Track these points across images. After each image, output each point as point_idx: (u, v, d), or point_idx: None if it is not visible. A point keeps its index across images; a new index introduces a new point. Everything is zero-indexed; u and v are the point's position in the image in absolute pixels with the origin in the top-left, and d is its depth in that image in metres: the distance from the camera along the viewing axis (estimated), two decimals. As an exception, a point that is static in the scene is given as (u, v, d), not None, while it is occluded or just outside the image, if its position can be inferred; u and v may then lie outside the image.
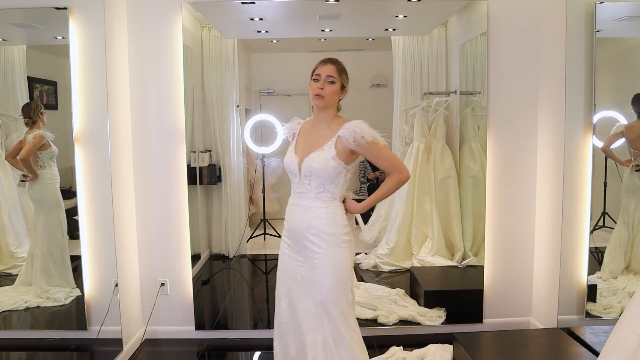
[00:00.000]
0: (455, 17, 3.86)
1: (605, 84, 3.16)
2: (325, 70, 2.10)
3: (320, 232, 2.09)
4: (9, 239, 3.15)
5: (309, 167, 2.08)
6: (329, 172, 2.06)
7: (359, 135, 2.02)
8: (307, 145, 2.16)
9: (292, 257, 2.19)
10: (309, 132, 2.20)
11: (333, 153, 2.06)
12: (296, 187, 2.16)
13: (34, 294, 3.08)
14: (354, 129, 2.04)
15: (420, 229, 4.06)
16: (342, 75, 2.13)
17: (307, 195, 2.11)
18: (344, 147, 2.06)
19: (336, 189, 2.12)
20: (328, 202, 2.11)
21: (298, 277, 2.15)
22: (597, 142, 3.14)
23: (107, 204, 2.92)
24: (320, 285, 2.09)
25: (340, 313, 2.09)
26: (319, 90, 2.08)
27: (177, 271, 3.27)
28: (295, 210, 2.16)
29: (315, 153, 2.09)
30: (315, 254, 2.10)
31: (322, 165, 2.06)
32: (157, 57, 3.16)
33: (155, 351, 3.16)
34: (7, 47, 3.04)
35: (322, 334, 2.08)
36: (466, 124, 3.83)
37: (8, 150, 3.06)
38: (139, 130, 3.20)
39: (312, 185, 2.10)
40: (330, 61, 2.13)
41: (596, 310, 3.10)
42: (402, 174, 2.13)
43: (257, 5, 3.27)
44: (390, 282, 3.82)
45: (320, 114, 2.16)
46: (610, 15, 3.04)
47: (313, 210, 2.10)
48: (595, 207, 3.18)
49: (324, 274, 2.08)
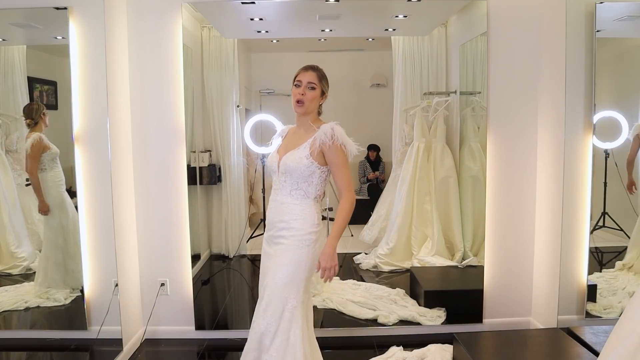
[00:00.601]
0: (455, 17, 3.86)
1: (605, 84, 3.16)
2: (307, 76, 2.21)
3: (289, 227, 2.18)
4: (9, 239, 3.15)
5: (285, 165, 2.20)
6: (301, 170, 2.16)
7: (329, 135, 2.13)
8: (288, 146, 2.28)
9: (265, 252, 2.30)
10: (292, 135, 2.33)
11: (307, 152, 2.17)
12: (275, 184, 2.27)
13: (33, 294, 3.08)
14: (327, 129, 2.15)
15: (420, 229, 4.06)
16: (323, 81, 2.24)
17: (282, 192, 2.22)
18: (317, 147, 2.15)
19: (309, 188, 2.20)
20: (300, 199, 2.20)
21: (263, 268, 2.29)
22: (597, 142, 3.14)
23: (107, 204, 2.92)
24: (273, 276, 2.17)
25: (286, 309, 2.13)
26: (300, 96, 2.20)
27: (177, 271, 3.27)
28: (271, 205, 2.27)
29: (291, 152, 2.21)
30: (279, 246, 2.20)
31: (295, 163, 2.16)
32: (157, 57, 3.16)
33: (155, 351, 3.16)
34: (7, 47, 3.04)
35: (263, 324, 2.14)
36: (466, 124, 3.83)
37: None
38: (139, 130, 3.20)
39: (288, 182, 2.21)
40: (312, 68, 2.24)
41: (596, 310, 3.10)
42: (351, 194, 2.18)
43: (257, 5, 3.27)
44: (390, 282, 3.82)
45: (302, 119, 2.28)
46: (610, 15, 3.04)
47: (286, 206, 2.20)
48: (595, 207, 3.18)
49: (280, 264, 2.17)
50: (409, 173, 4.06)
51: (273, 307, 2.14)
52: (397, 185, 4.16)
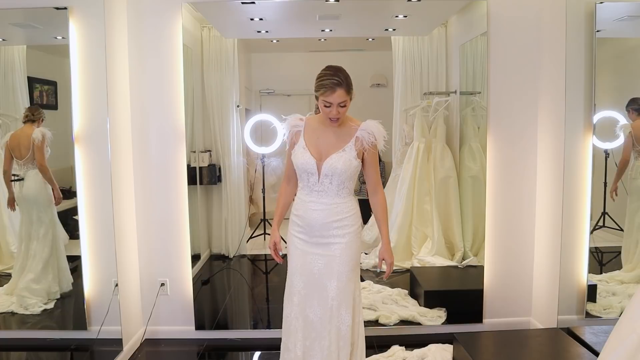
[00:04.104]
0: (455, 17, 3.86)
1: (605, 84, 3.16)
2: (336, 98, 2.10)
3: (344, 225, 2.22)
4: (9, 239, 3.15)
5: (332, 168, 2.18)
6: (351, 171, 2.20)
7: (373, 136, 2.18)
8: (323, 145, 2.23)
9: (307, 251, 2.26)
10: (320, 132, 2.25)
11: (354, 153, 2.20)
12: (314, 186, 2.23)
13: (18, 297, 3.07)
14: (371, 129, 2.18)
15: (420, 229, 4.06)
16: (351, 92, 2.15)
17: (328, 193, 2.21)
18: (362, 147, 2.20)
19: (352, 184, 2.26)
20: (347, 196, 2.24)
21: (315, 271, 2.23)
22: (597, 142, 3.14)
23: (107, 204, 2.92)
24: (339, 274, 2.21)
25: (353, 299, 2.22)
26: (335, 115, 2.14)
27: (177, 271, 3.27)
28: (314, 207, 2.23)
29: (337, 154, 2.19)
30: (335, 245, 2.22)
31: (346, 166, 2.18)
32: (157, 57, 3.16)
33: (155, 351, 3.16)
34: (7, 47, 3.04)
35: (338, 322, 2.19)
36: (466, 124, 3.83)
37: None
38: (139, 130, 3.20)
39: (334, 183, 2.20)
40: (338, 85, 2.09)
41: (596, 310, 3.10)
42: (382, 190, 2.32)
43: (257, 5, 3.27)
44: (390, 282, 3.82)
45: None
46: (610, 15, 3.04)
47: (336, 206, 2.21)
48: (595, 207, 3.18)
49: (343, 262, 2.22)
50: (409, 173, 4.06)
51: (347, 303, 2.20)
52: (397, 185, 4.15)
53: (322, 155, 2.21)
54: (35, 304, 3.06)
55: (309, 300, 2.23)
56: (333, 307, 2.19)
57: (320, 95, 2.12)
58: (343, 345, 2.18)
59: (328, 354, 2.17)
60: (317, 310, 2.21)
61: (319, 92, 2.12)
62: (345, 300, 2.20)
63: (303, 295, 2.25)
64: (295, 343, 2.24)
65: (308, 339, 2.22)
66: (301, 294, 2.25)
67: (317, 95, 2.14)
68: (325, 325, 2.19)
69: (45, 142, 3.00)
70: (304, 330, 2.23)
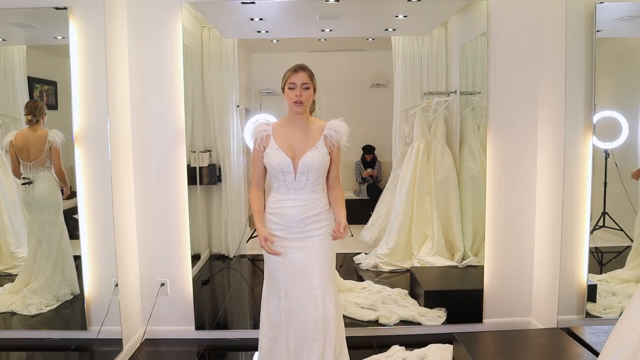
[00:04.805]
0: (455, 17, 3.86)
1: (605, 84, 3.16)
2: (300, 78, 2.28)
3: (321, 218, 2.35)
4: (9, 239, 3.15)
5: (308, 165, 2.30)
6: (325, 167, 2.35)
7: (339, 133, 2.33)
8: (295, 144, 2.34)
9: (286, 246, 2.35)
10: (290, 132, 2.37)
11: (325, 150, 2.34)
12: (290, 184, 2.34)
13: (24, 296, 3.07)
14: (337, 127, 2.34)
15: (420, 229, 4.06)
16: (313, 79, 2.34)
17: (305, 190, 2.33)
18: (330, 144, 2.34)
19: (324, 180, 2.40)
20: (321, 192, 2.39)
21: (296, 264, 2.32)
22: (597, 142, 3.14)
23: (107, 204, 2.92)
24: (321, 264, 2.31)
25: (333, 286, 2.35)
26: (297, 97, 2.28)
27: (177, 271, 3.27)
28: (293, 204, 2.33)
29: (311, 152, 2.32)
30: (314, 238, 2.33)
31: (321, 162, 2.32)
32: (157, 57, 3.16)
33: (155, 351, 3.16)
34: (7, 47, 3.04)
35: (326, 309, 2.26)
36: (466, 124, 3.83)
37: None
38: (139, 130, 3.20)
39: (310, 179, 2.33)
40: (301, 68, 2.31)
41: (596, 310, 3.10)
42: (340, 184, 2.45)
43: (257, 5, 3.27)
44: (390, 282, 3.82)
45: (299, 117, 2.35)
46: (610, 15, 3.04)
47: (313, 201, 2.34)
48: (595, 207, 3.18)
49: (323, 252, 2.33)
50: (409, 173, 4.06)
51: (330, 291, 2.29)
52: (397, 185, 4.16)
53: (296, 154, 2.33)
54: (40, 304, 3.06)
55: (293, 294, 2.31)
56: (317, 297, 2.27)
57: (285, 80, 2.30)
58: (329, 333, 2.25)
59: (312, 341, 2.24)
60: (302, 301, 2.28)
61: (284, 77, 2.31)
62: (328, 289, 2.29)
63: (288, 289, 2.33)
64: (287, 336, 2.32)
65: (297, 331, 2.29)
66: (286, 287, 2.33)
67: (283, 85, 2.32)
68: (311, 315, 2.25)
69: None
70: (293, 322, 2.31)
